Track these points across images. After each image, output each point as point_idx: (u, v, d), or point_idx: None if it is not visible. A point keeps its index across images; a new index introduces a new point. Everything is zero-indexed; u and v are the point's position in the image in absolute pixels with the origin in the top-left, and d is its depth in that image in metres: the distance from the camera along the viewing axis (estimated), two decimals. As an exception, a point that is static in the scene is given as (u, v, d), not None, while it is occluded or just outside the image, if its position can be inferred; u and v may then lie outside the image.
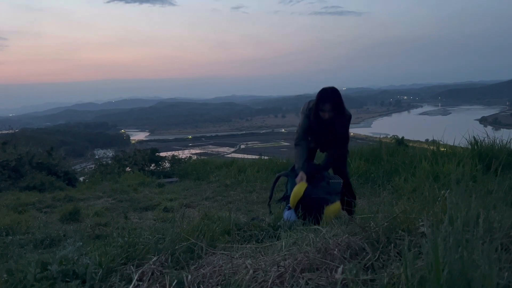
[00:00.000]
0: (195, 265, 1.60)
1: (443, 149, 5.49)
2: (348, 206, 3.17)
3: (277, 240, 1.95)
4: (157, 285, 1.41)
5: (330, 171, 3.42)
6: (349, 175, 3.53)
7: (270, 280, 1.31)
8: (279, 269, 1.38)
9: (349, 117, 3.31)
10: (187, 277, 1.42)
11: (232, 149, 79.29)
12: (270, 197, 3.46)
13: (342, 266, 1.28)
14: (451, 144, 5.60)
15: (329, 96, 3.12)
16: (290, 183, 3.33)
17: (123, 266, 1.59)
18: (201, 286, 1.38)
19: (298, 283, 1.28)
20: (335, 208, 2.94)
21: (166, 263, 1.58)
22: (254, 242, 2.12)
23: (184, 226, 2.07)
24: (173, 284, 1.38)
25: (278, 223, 2.47)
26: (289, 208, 3.09)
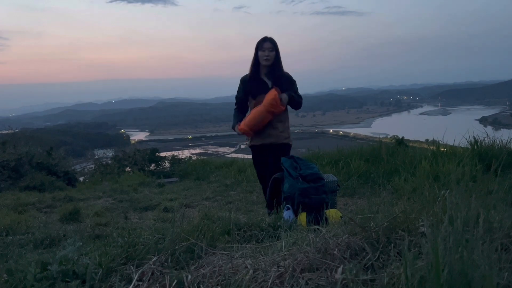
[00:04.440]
0: (195, 265, 1.60)
1: (443, 149, 5.48)
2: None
3: (277, 240, 1.95)
4: (157, 285, 1.41)
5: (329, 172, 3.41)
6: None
7: (270, 280, 1.31)
8: (279, 269, 1.38)
9: (292, 78, 3.55)
10: (187, 277, 1.41)
11: (232, 149, 79.28)
12: (268, 200, 3.47)
13: (342, 266, 1.28)
14: (451, 144, 5.59)
15: (268, 38, 3.41)
16: (286, 183, 3.33)
17: (123, 266, 1.59)
18: (201, 286, 1.38)
19: (298, 283, 1.28)
20: (336, 211, 2.95)
21: (166, 263, 1.58)
22: (254, 242, 2.12)
23: (184, 226, 2.07)
24: (173, 284, 1.38)
25: (278, 223, 2.47)
26: (288, 208, 3.10)
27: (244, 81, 3.54)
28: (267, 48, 3.36)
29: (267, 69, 3.44)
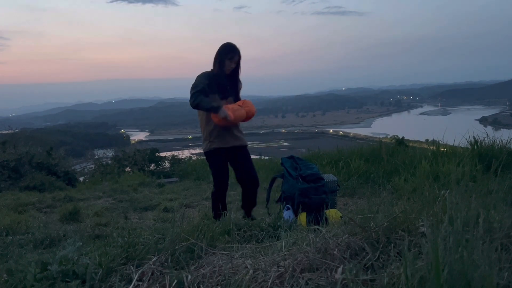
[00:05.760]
0: (195, 265, 1.60)
1: (443, 149, 5.48)
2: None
3: (277, 240, 1.95)
4: (157, 285, 1.41)
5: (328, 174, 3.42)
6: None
7: (270, 280, 1.31)
8: (279, 269, 1.38)
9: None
10: (187, 277, 1.41)
11: (232, 149, 78.87)
12: (267, 200, 3.47)
13: (342, 266, 1.28)
14: (451, 144, 5.59)
15: (238, 50, 3.38)
16: (285, 183, 3.33)
17: (123, 266, 1.59)
18: (201, 286, 1.38)
19: (298, 283, 1.28)
20: (336, 211, 2.95)
21: (166, 263, 1.58)
22: (254, 242, 2.12)
23: (184, 226, 2.07)
24: (173, 284, 1.38)
25: (278, 223, 2.48)
26: (288, 208, 3.10)
27: (210, 76, 3.41)
28: (235, 62, 3.38)
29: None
